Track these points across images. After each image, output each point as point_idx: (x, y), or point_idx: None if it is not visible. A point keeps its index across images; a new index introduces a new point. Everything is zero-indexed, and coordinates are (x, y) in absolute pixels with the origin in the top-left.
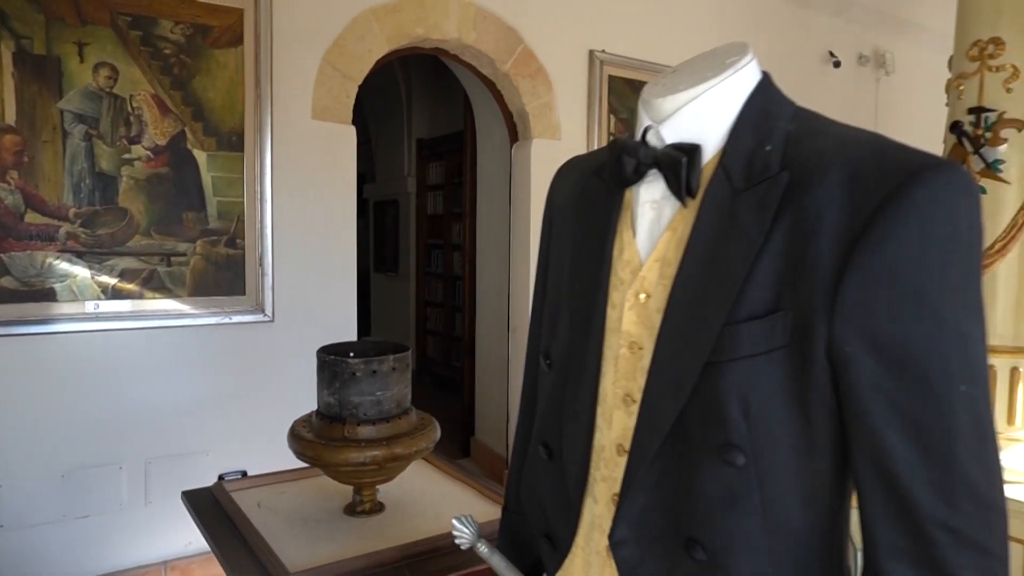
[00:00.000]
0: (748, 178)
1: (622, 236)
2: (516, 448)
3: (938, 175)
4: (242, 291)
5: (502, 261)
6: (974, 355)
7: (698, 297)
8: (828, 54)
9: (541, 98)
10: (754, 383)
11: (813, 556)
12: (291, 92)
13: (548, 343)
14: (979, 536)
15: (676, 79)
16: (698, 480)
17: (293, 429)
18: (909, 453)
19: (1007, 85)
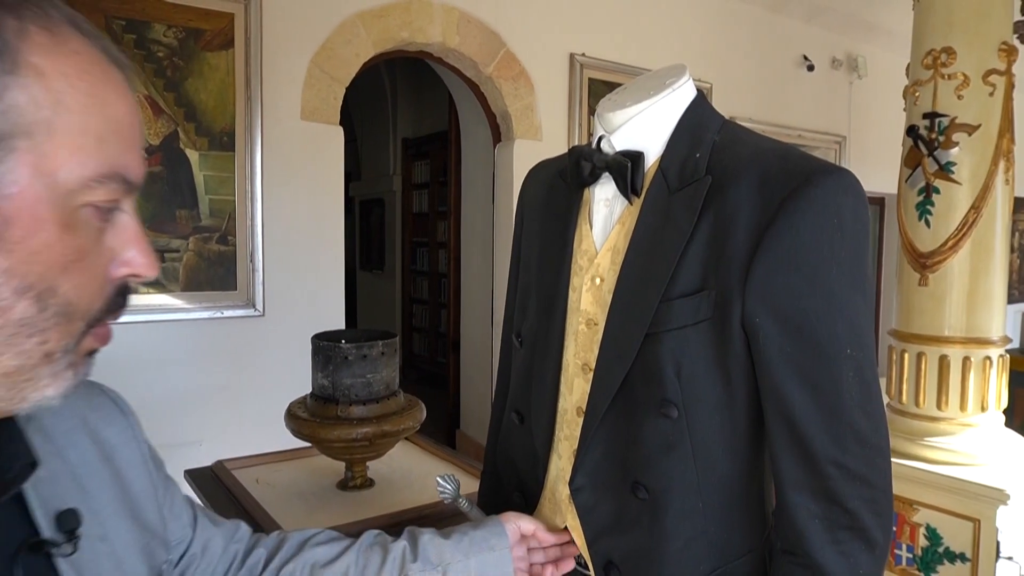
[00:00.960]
0: (681, 180)
1: (581, 229)
2: (493, 419)
3: (828, 178)
4: (233, 286)
5: (486, 258)
6: (859, 325)
7: (640, 280)
8: (802, 58)
9: (523, 100)
10: (684, 349)
11: (736, 495)
12: (280, 94)
13: (519, 324)
14: (863, 471)
15: (625, 96)
16: (642, 432)
17: (289, 410)
18: (806, 403)
19: (958, 92)
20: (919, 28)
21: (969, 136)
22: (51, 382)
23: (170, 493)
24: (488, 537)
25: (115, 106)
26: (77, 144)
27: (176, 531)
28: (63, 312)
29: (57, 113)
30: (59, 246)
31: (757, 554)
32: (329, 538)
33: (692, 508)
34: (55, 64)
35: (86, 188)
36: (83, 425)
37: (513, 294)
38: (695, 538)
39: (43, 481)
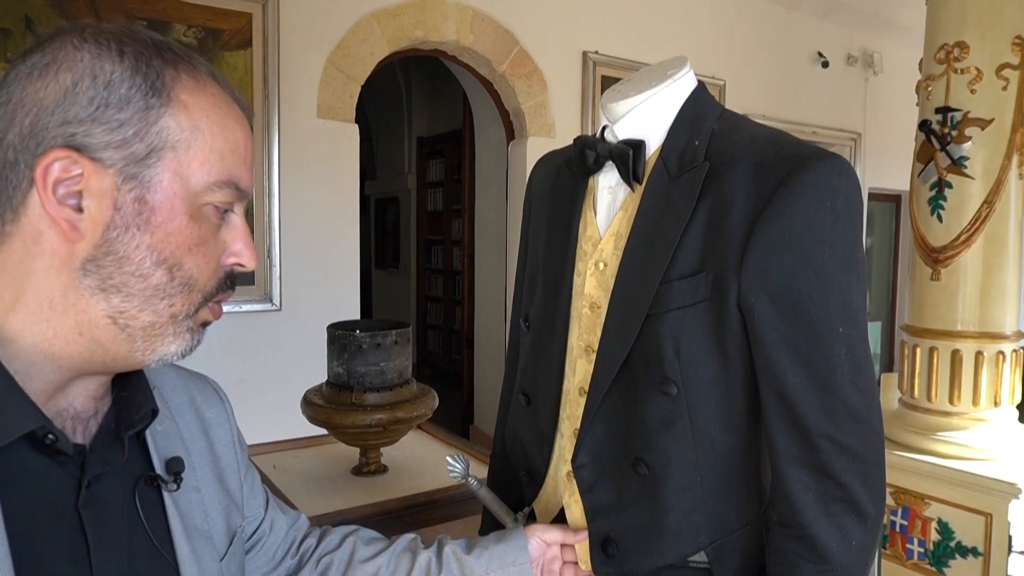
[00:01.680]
0: (680, 167)
1: (586, 216)
2: (502, 402)
3: (820, 163)
4: (251, 281)
5: (500, 256)
6: (850, 304)
7: (641, 263)
8: (817, 55)
9: (536, 98)
10: (683, 329)
11: (733, 469)
12: (297, 92)
13: (527, 308)
14: (855, 446)
15: (627, 87)
16: (642, 410)
17: (306, 397)
18: (800, 380)
19: (971, 86)
20: (932, 23)
21: (982, 130)
22: (174, 340)
23: (251, 474)
24: (510, 552)
25: (235, 133)
26: (206, 158)
27: (252, 508)
28: (186, 283)
29: (194, 135)
30: (187, 231)
31: (754, 527)
32: (369, 537)
33: (691, 482)
34: (196, 101)
35: (209, 190)
36: (190, 402)
37: (521, 280)
38: (693, 511)
39: (159, 433)
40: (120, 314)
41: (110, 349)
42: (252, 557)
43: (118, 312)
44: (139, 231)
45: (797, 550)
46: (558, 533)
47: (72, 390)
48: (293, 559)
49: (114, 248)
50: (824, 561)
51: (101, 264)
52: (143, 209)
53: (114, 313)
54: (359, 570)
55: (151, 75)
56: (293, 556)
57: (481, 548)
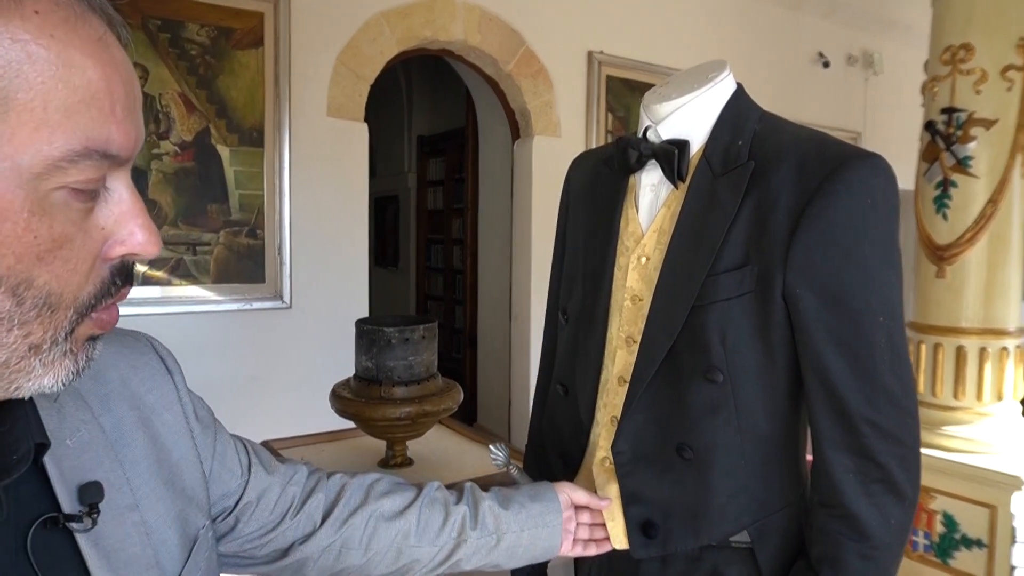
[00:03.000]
0: (724, 166)
1: (627, 212)
2: (538, 393)
3: (862, 163)
4: (262, 279)
5: (504, 254)
6: (890, 295)
7: (686, 257)
8: (818, 55)
9: (542, 97)
10: (729, 319)
11: (775, 453)
12: (307, 91)
13: (565, 302)
14: (895, 430)
15: (669, 89)
16: (687, 396)
17: (334, 391)
18: (842, 368)
19: (976, 87)
20: (937, 24)
21: (987, 131)
22: (45, 372)
23: (220, 445)
24: (544, 513)
25: (86, 71)
26: (39, 120)
27: (228, 483)
28: (44, 303)
29: (13, 87)
30: (29, 236)
31: (793, 508)
32: (391, 486)
33: (735, 465)
34: (8, 29)
35: (56, 169)
36: (123, 388)
37: (558, 274)
38: (737, 493)
39: (70, 452)
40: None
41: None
42: (240, 528)
43: None
44: None
45: (839, 529)
46: (586, 496)
47: None
48: (295, 519)
49: None
50: (865, 539)
51: None
52: None
53: None
54: (386, 528)
55: None
56: (294, 516)
57: (518, 506)
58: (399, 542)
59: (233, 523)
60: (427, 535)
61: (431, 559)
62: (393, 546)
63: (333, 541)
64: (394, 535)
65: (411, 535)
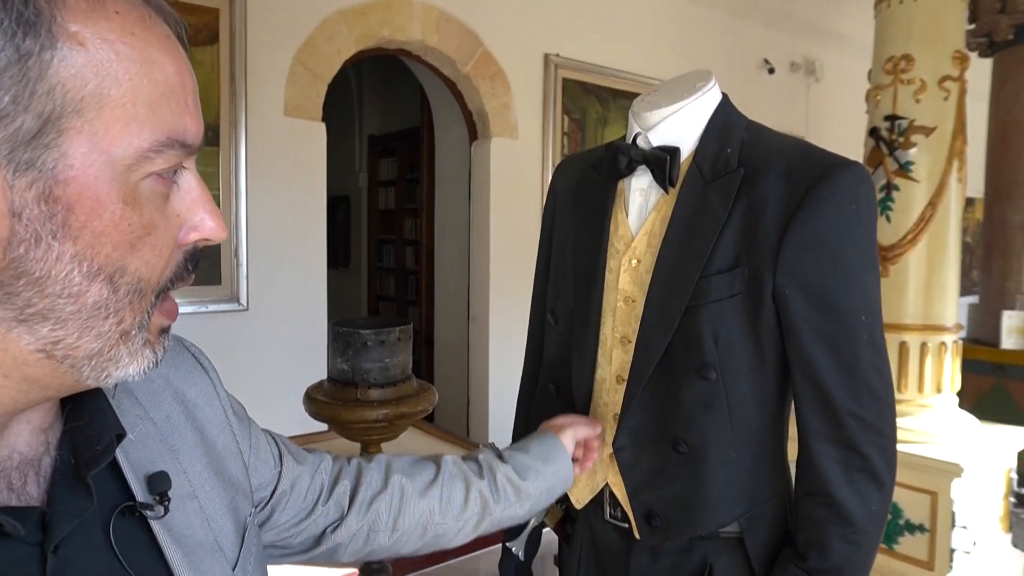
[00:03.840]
0: (714, 172)
1: (616, 216)
2: (523, 392)
3: (846, 170)
4: (218, 281)
5: (461, 255)
6: (871, 296)
7: (678, 259)
8: (763, 61)
9: (500, 99)
10: (721, 319)
11: (764, 446)
12: (264, 89)
13: (553, 303)
14: (876, 422)
15: (659, 97)
16: (681, 393)
17: (308, 394)
18: (828, 364)
19: (916, 96)
20: (880, 36)
21: (926, 137)
22: (131, 360)
23: (254, 438)
24: (557, 471)
25: (164, 66)
26: (130, 115)
27: (263, 474)
28: (135, 289)
29: (105, 85)
30: (125, 224)
31: (780, 499)
32: (411, 465)
33: (727, 459)
34: (96, 30)
35: (145, 160)
36: (166, 386)
37: (544, 276)
38: (729, 485)
39: (133, 445)
40: (54, 345)
41: (51, 384)
42: (275, 518)
43: (51, 344)
44: (56, 240)
45: (825, 516)
46: (587, 429)
47: (11, 433)
48: (326, 505)
49: (25, 268)
50: (848, 525)
51: (13, 291)
52: (55, 209)
53: (46, 345)
54: (411, 509)
55: (16, 1)
56: (325, 503)
57: (534, 473)
58: (424, 520)
59: (270, 513)
60: (451, 512)
61: (457, 532)
62: (419, 525)
63: (361, 526)
64: (419, 515)
65: (435, 513)
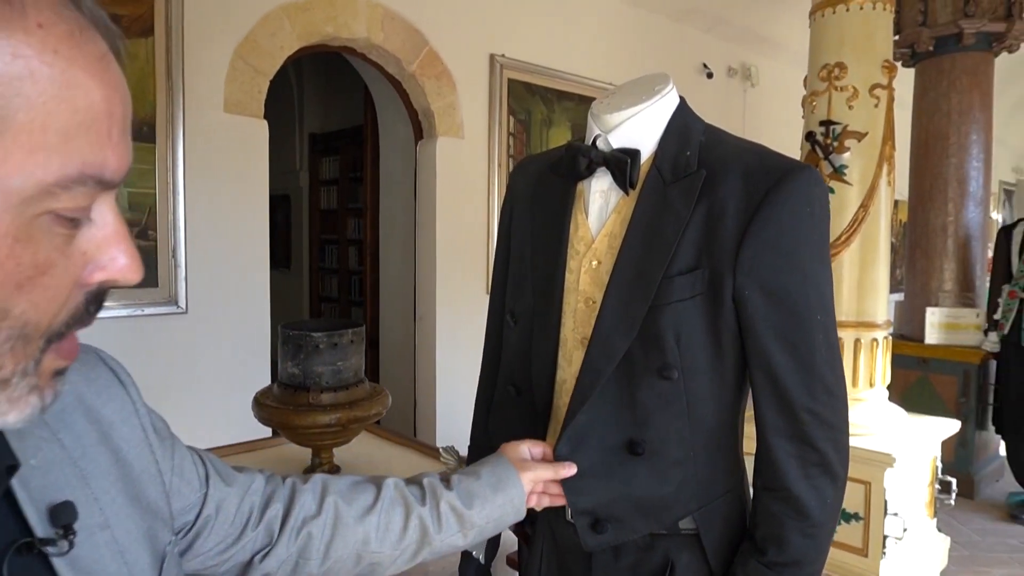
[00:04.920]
0: (674, 174)
1: (576, 218)
2: (481, 393)
3: (801, 174)
4: (155, 283)
5: (406, 254)
6: (825, 295)
7: (640, 260)
8: (702, 66)
9: (445, 98)
10: (683, 319)
11: (719, 443)
12: (203, 85)
13: (513, 305)
14: (830, 417)
15: (618, 100)
16: (639, 393)
17: (257, 399)
18: (785, 361)
19: (849, 103)
20: (815, 44)
21: (858, 142)
22: (10, 408)
23: (177, 457)
24: (510, 501)
25: (90, 91)
26: (37, 143)
27: (187, 497)
28: (19, 335)
29: (12, 106)
30: (12, 263)
31: (733, 494)
32: (349, 488)
33: (684, 456)
34: (10, 43)
35: (47, 195)
36: (79, 403)
37: (502, 278)
38: (686, 481)
39: (35, 472)
40: None
41: None
42: (199, 545)
43: None
44: None
45: (783, 510)
46: (550, 471)
47: None
48: (255, 530)
49: None
50: (805, 518)
51: None
52: None
53: None
54: (345, 535)
55: None
56: (255, 527)
57: (481, 501)
58: (359, 548)
59: (193, 539)
60: (388, 540)
61: (393, 561)
62: (353, 553)
63: (291, 553)
64: (353, 542)
65: (372, 540)
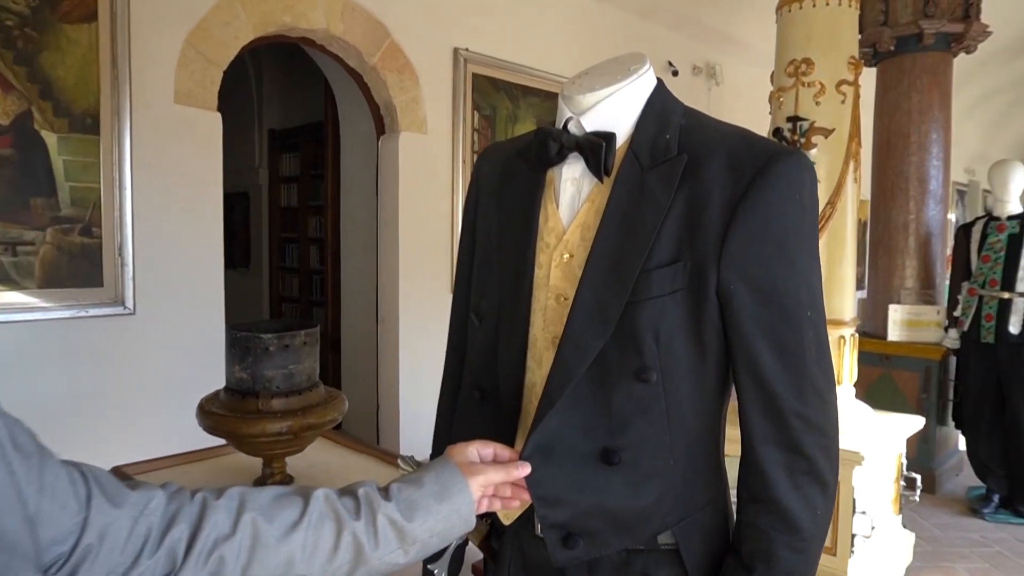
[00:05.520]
0: (652, 158)
1: (546, 208)
2: (444, 396)
3: (789, 158)
4: (99, 282)
5: (369, 253)
6: (815, 289)
7: (616, 251)
8: (668, 63)
9: (408, 92)
10: (662, 316)
11: (700, 450)
12: (152, 74)
13: (477, 302)
14: (820, 421)
15: (592, 80)
16: (614, 397)
17: (202, 407)
18: (773, 361)
19: (816, 99)
20: (782, 39)
21: (825, 139)
22: None
23: (49, 475)
24: (452, 512)
25: None
26: None
27: (61, 523)
28: None
29: None
30: None
31: (715, 505)
32: (270, 502)
33: (663, 466)
34: None
35: None
36: None
37: (467, 273)
38: (665, 493)
39: None
40: None
41: None
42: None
43: None
44: None
45: (771, 523)
46: (501, 473)
47: None
48: (153, 557)
49: None
50: (795, 532)
51: None
52: None
53: None
54: (265, 558)
55: None
56: (152, 554)
57: (424, 512)
58: (282, 572)
59: (71, 572)
60: (316, 560)
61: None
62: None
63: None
64: (275, 564)
65: (296, 562)
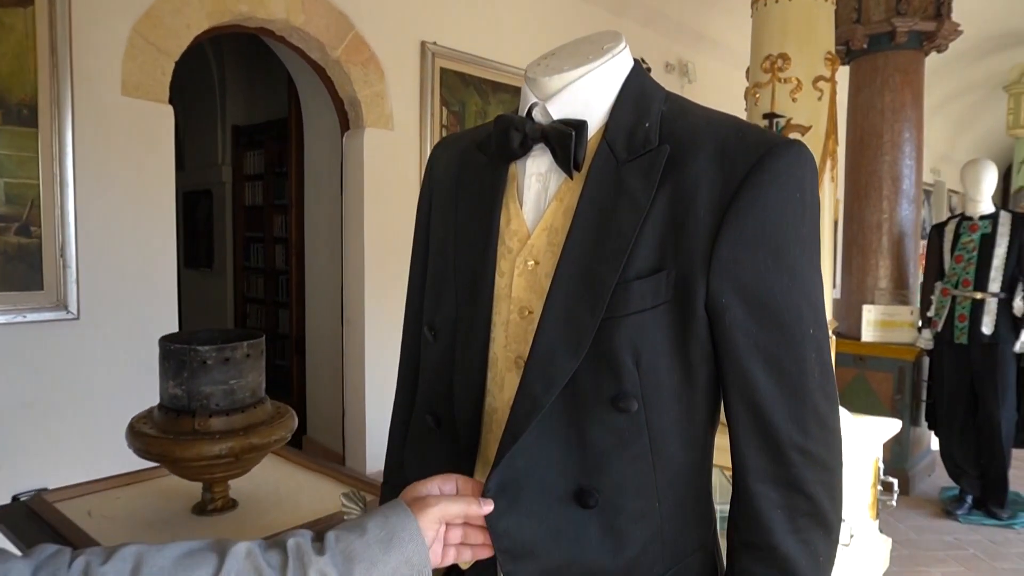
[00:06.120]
0: (630, 150)
1: (508, 208)
2: (395, 423)
3: (788, 150)
4: (39, 285)
5: (334, 254)
6: (818, 303)
7: (589, 259)
8: (640, 60)
9: (373, 87)
10: (643, 335)
11: (689, 489)
12: (96, 64)
13: (432, 315)
14: (823, 455)
15: (559, 60)
16: (590, 430)
17: (132, 427)
18: (770, 386)
19: (793, 95)
20: (757, 34)
21: (802, 136)
22: None
23: None
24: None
25: None
26: None
27: None
28: None
29: None
30: None
31: (706, 550)
32: (175, 562)
33: (648, 509)
34: None
35: None
36: None
37: (420, 281)
38: (651, 541)
39: None
40: None
41: None
42: None
43: None
44: None
45: (768, 573)
46: (459, 505)
47: None
48: None
49: None
50: None
51: None
52: None
53: None
54: None
55: None
56: None
57: (366, 565)
58: None
59: None
60: None
61: None
62: None
63: None
64: None
65: None
